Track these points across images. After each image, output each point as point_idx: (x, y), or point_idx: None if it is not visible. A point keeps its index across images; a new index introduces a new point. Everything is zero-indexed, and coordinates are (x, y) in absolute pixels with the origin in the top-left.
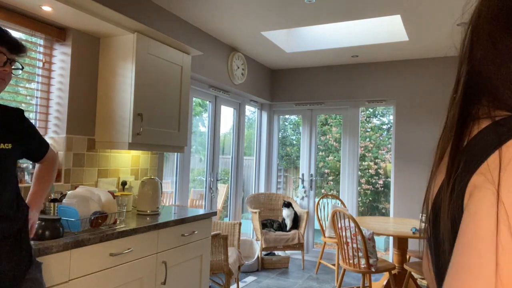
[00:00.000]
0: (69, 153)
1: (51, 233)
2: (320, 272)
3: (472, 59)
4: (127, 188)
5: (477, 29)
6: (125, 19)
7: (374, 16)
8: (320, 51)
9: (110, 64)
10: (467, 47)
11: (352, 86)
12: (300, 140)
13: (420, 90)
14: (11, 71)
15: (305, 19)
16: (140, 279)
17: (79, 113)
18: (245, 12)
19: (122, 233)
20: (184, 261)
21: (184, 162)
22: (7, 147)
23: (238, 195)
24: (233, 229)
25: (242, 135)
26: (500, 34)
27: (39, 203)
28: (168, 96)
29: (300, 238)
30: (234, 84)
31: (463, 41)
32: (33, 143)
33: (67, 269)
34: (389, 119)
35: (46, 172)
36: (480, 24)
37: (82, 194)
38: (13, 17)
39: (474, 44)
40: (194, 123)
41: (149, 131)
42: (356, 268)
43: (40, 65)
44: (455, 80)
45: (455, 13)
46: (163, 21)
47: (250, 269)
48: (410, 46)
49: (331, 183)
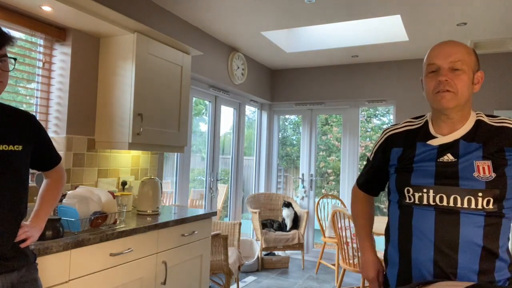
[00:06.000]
0: (69, 153)
1: (51, 233)
2: (320, 272)
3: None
4: (127, 188)
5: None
6: (125, 19)
7: (374, 16)
8: (320, 51)
9: (110, 64)
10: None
11: (352, 86)
12: (300, 140)
13: (420, 90)
14: (5, 69)
15: (305, 19)
16: (140, 279)
17: (79, 113)
18: (245, 12)
19: (122, 233)
20: (184, 261)
21: (184, 162)
22: (17, 148)
23: (238, 195)
24: (233, 229)
25: (242, 135)
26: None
27: (42, 221)
28: (168, 96)
29: (300, 238)
30: (234, 84)
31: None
32: (44, 149)
33: (67, 269)
34: (389, 119)
35: (54, 188)
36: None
37: (82, 194)
38: (13, 17)
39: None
40: (194, 123)
41: (149, 131)
42: (356, 268)
43: (40, 65)
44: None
45: (455, 13)
46: (163, 21)
47: (250, 269)
48: (410, 46)
49: (333, 183)
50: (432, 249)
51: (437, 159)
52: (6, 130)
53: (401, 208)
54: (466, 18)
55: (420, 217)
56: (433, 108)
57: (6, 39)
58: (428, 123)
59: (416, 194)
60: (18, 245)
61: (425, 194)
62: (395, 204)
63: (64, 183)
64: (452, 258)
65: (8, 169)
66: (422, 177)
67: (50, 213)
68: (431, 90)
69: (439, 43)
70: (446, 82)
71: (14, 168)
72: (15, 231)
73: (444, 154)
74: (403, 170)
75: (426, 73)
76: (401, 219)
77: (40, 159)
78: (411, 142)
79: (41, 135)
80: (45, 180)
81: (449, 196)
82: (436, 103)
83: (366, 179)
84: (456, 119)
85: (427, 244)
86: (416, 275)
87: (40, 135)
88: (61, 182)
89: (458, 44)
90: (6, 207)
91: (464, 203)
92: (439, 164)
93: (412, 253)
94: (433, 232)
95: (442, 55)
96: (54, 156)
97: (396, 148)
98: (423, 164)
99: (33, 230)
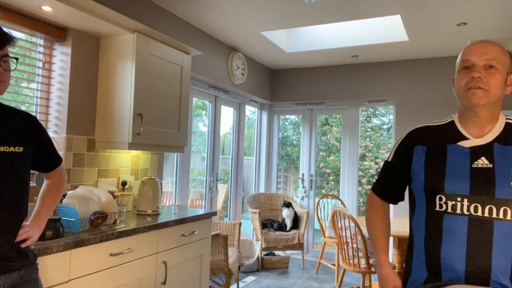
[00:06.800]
0: (69, 153)
1: (51, 233)
2: (320, 272)
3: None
4: (127, 188)
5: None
6: (125, 19)
7: (374, 16)
8: (320, 51)
9: (110, 64)
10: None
11: (352, 86)
12: (300, 140)
13: (420, 90)
14: (7, 68)
15: (305, 19)
16: (140, 279)
17: (79, 113)
18: (245, 12)
19: (122, 233)
20: (184, 261)
21: (184, 162)
22: (18, 150)
23: (238, 195)
24: (233, 229)
25: (242, 135)
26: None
27: (42, 222)
28: (168, 96)
29: (300, 238)
30: (234, 84)
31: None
32: (45, 150)
33: (67, 269)
34: (389, 119)
35: (55, 189)
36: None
37: (82, 194)
38: (13, 17)
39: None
40: (194, 123)
41: (149, 131)
42: (356, 268)
43: (40, 65)
44: None
45: (455, 13)
46: (163, 21)
47: (250, 269)
48: (410, 46)
49: (332, 183)
50: (464, 249)
51: (471, 164)
52: (7, 132)
53: (429, 214)
54: (466, 18)
55: (451, 223)
56: (462, 105)
57: (7, 39)
58: (455, 123)
59: (449, 202)
60: (19, 245)
61: (458, 203)
62: (421, 210)
63: (65, 184)
64: (485, 260)
65: (9, 170)
66: (456, 184)
67: (50, 213)
68: (463, 86)
69: (476, 41)
70: (479, 79)
71: (14, 170)
72: (15, 232)
73: (478, 158)
74: (432, 174)
75: (459, 69)
76: (428, 224)
77: (41, 160)
78: (437, 141)
79: (42, 136)
80: (46, 181)
81: (484, 206)
82: (466, 99)
83: (384, 184)
84: (485, 119)
85: (458, 246)
86: (447, 276)
87: (41, 136)
88: (62, 183)
89: (495, 43)
90: (6, 208)
91: (499, 214)
92: (474, 170)
93: (441, 253)
94: (466, 237)
95: (478, 52)
96: (55, 157)
97: (420, 147)
98: (456, 169)
99: (33, 230)
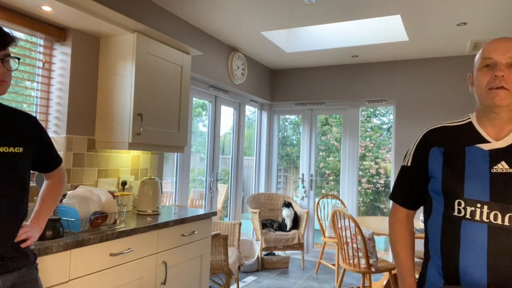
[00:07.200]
0: (69, 153)
1: (51, 233)
2: (320, 272)
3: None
4: (127, 188)
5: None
6: (125, 19)
7: (374, 16)
8: (320, 51)
9: (110, 64)
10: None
11: (352, 86)
12: (300, 140)
13: (420, 90)
14: (9, 68)
15: (305, 19)
16: (140, 279)
17: (79, 113)
18: (245, 12)
19: (122, 233)
20: (184, 261)
21: (184, 162)
22: (17, 150)
23: (238, 195)
24: (233, 229)
25: (242, 135)
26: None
27: (42, 222)
28: (168, 96)
29: (300, 238)
30: (234, 84)
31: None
32: (45, 151)
33: (67, 269)
34: (389, 119)
35: (55, 189)
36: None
37: (82, 194)
38: (13, 17)
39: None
40: (194, 123)
41: (149, 131)
42: (356, 268)
43: (40, 65)
44: None
45: (455, 13)
46: (163, 21)
47: (250, 269)
48: (410, 46)
49: (332, 183)
50: (485, 258)
51: (491, 168)
52: (7, 132)
53: (446, 218)
54: (466, 18)
55: (469, 230)
56: (482, 105)
57: (9, 40)
58: (474, 123)
59: (468, 208)
60: (19, 245)
61: (478, 209)
62: (438, 212)
63: (65, 185)
64: (509, 269)
65: (9, 171)
66: (476, 190)
67: (50, 214)
68: (484, 85)
69: (496, 38)
70: (503, 78)
71: (14, 170)
72: (15, 232)
73: (498, 162)
74: (451, 176)
75: (479, 67)
76: (445, 228)
77: (41, 161)
78: (455, 142)
79: (42, 137)
80: (46, 181)
81: (504, 214)
82: (488, 100)
83: (406, 190)
84: (505, 119)
85: (479, 254)
86: (467, 285)
87: (41, 137)
88: (62, 184)
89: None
90: (6, 208)
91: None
92: (493, 175)
93: (460, 261)
94: (486, 246)
95: (500, 50)
96: (55, 158)
97: (436, 148)
98: (475, 173)
99: (33, 230)
